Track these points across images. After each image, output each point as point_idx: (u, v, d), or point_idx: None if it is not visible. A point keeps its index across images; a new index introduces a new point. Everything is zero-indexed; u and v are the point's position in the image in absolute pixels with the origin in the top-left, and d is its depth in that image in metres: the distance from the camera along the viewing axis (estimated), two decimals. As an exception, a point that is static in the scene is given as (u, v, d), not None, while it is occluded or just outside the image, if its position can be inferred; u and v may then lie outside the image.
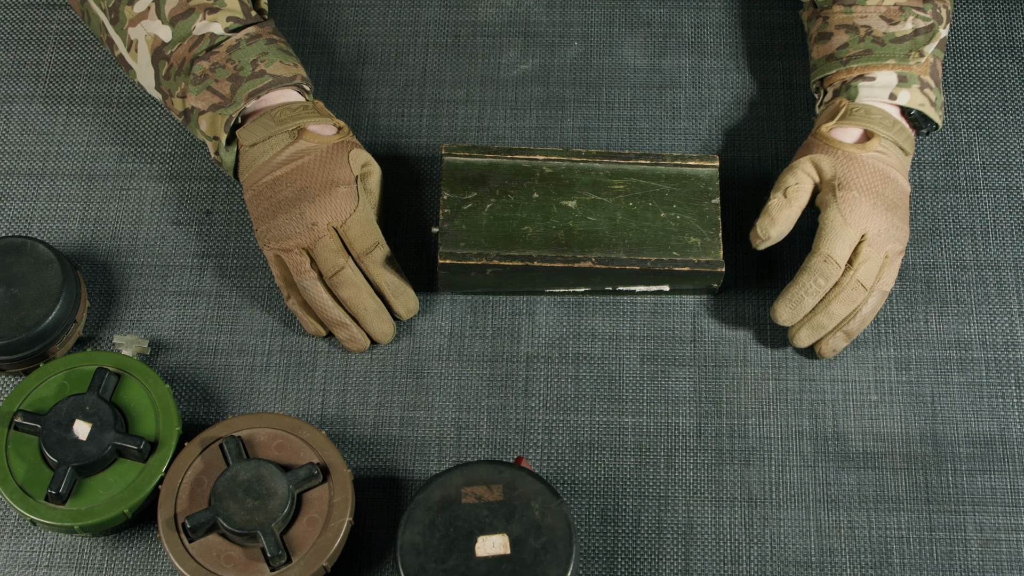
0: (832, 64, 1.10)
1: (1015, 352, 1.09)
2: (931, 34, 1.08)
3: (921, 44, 1.08)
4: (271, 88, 1.06)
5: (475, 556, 0.92)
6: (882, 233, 1.05)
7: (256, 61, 1.07)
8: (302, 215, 1.04)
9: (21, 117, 1.19)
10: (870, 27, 1.09)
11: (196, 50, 1.06)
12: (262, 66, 1.07)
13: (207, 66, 1.06)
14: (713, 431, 1.06)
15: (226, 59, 1.06)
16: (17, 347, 1.04)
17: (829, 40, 1.10)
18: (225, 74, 1.06)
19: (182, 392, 1.08)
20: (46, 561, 1.02)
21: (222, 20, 1.07)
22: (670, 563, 1.02)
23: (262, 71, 1.06)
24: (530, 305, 1.11)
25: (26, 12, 1.24)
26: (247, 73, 1.06)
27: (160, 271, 1.13)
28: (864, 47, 1.08)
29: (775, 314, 1.05)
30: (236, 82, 1.06)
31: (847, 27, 1.10)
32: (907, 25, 1.08)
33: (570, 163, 1.09)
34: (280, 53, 1.08)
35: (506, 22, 1.23)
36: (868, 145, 1.06)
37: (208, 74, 1.06)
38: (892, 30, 1.08)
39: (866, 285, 1.04)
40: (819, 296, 1.04)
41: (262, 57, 1.07)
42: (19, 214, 1.15)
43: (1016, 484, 1.04)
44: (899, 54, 1.08)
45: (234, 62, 1.06)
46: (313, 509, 0.99)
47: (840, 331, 1.05)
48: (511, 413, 1.07)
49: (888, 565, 1.02)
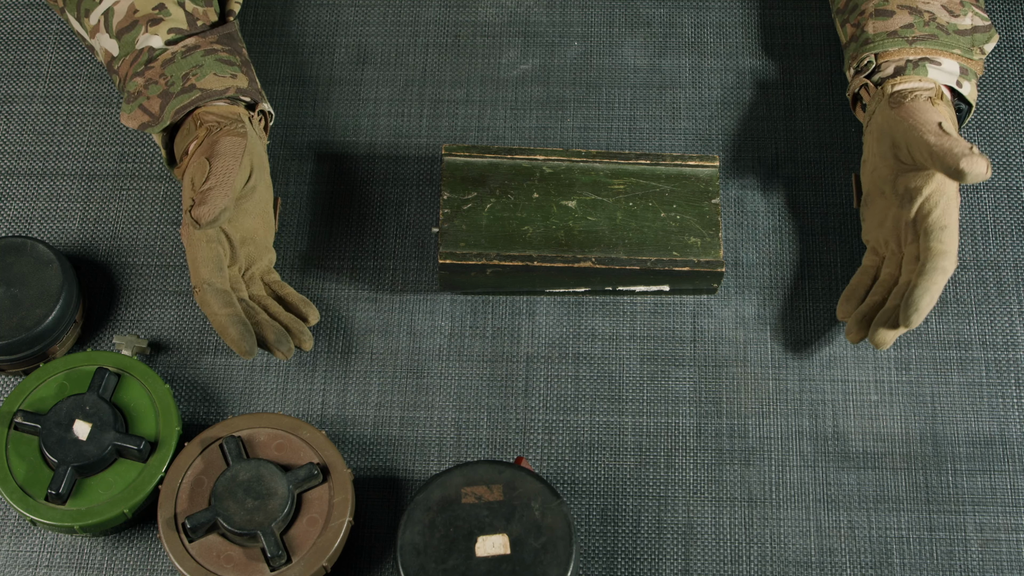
0: (895, 41, 1.08)
1: (1015, 352, 1.09)
2: (989, 34, 1.09)
3: (981, 41, 1.08)
4: (200, 102, 1.05)
5: (475, 556, 0.92)
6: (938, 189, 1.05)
7: (188, 75, 1.06)
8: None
9: (21, 117, 1.19)
10: (934, 14, 1.08)
11: (135, 65, 1.06)
12: (193, 80, 1.05)
13: (141, 83, 1.06)
14: (713, 431, 1.06)
15: (159, 74, 1.06)
16: (17, 347, 1.04)
17: (891, 17, 1.09)
18: (157, 90, 1.06)
19: (182, 392, 1.08)
20: (46, 561, 1.02)
21: (163, 32, 1.07)
22: (670, 563, 1.02)
23: (192, 85, 1.05)
24: (530, 305, 1.11)
25: (26, 12, 1.24)
26: (177, 88, 1.05)
27: (160, 271, 1.13)
28: (930, 31, 1.07)
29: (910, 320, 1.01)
30: (166, 99, 1.05)
31: (910, 8, 1.08)
32: (967, 20, 1.08)
33: (570, 163, 1.09)
34: (216, 64, 1.07)
35: (506, 22, 1.23)
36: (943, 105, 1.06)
37: (141, 91, 1.06)
38: (954, 21, 1.08)
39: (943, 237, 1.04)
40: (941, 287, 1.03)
41: (195, 70, 1.06)
42: (19, 214, 1.15)
43: (1016, 484, 1.04)
44: (963, 46, 1.07)
45: (166, 77, 1.06)
46: (313, 509, 0.99)
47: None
48: (511, 413, 1.07)
49: (888, 565, 1.02)
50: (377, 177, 1.16)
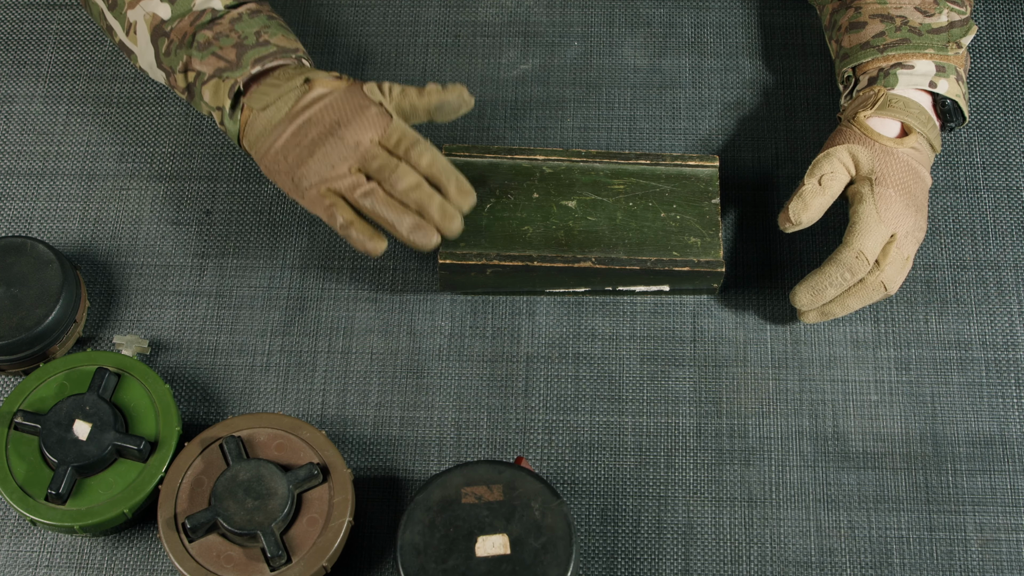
0: (868, 52, 1.09)
1: (1015, 352, 1.09)
2: (966, 27, 1.09)
3: (957, 36, 1.08)
4: (276, 57, 1.06)
5: (475, 556, 0.92)
6: (908, 234, 1.05)
7: (259, 32, 1.07)
8: (342, 140, 1.03)
9: (21, 117, 1.19)
10: (906, 17, 1.08)
11: (198, 23, 1.06)
12: (265, 36, 1.07)
13: (211, 35, 1.06)
14: (713, 431, 1.06)
15: (229, 29, 1.06)
16: (17, 347, 1.04)
17: (863, 29, 1.10)
18: (229, 42, 1.06)
19: (182, 392, 1.08)
20: (46, 561, 1.02)
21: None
22: (670, 563, 1.02)
23: (266, 41, 1.06)
24: (530, 305, 1.11)
25: (26, 12, 1.24)
26: (251, 42, 1.06)
27: (160, 271, 1.13)
28: (901, 36, 1.08)
29: (795, 298, 1.05)
30: (241, 49, 1.06)
31: (882, 16, 1.09)
32: (942, 17, 1.08)
33: (570, 163, 1.09)
34: (281, 28, 1.09)
35: (506, 22, 1.23)
36: (905, 141, 1.06)
37: (212, 42, 1.06)
38: (928, 21, 1.08)
39: (888, 288, 1.04)
40: (842, 289, 1.04)
41: (264, 29, 1.07)
42: (19, 214, 1.15)
43: (1016, 484, 1.04)
44: (937, 44, 1.07)
45: (237, 32, 1.06)
46: (313, 509, 0.99)
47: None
48: (511, 413, 1.07)
49: (888, 565, 1.02)
50: (377, 177, 1.16)
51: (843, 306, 1.06)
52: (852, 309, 1.06)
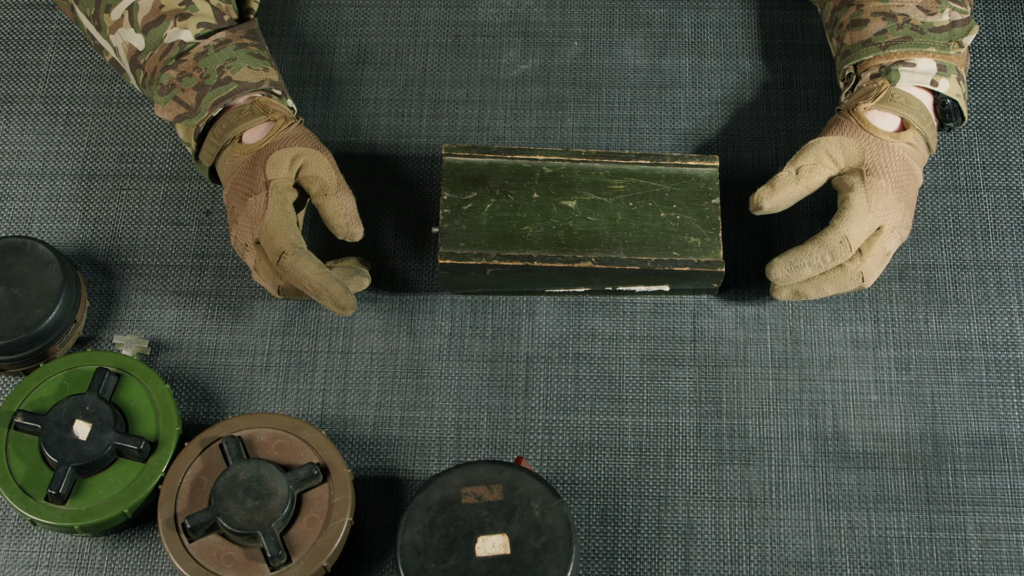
0: (870, 49, 1.09)
1: (1015, 352, 1.09)
2: (968, 27, 1.09)
3: (959, 36, 1.08)
4: (236, 95, 1.06)
5: (475, 556, 0.92)
6: (895, 230, 1.05)
7: (223, 68, 1.06)
8: (235, 237, 1.05)
9: (21, 117, 1.19)
10: (908, 15, 1.08)
11: (166, 59, 1.06)
12: (228, 72, 1.06)
13: (174, 75, 1.06)
14: (713, 431, 1.06)
15: (193, 67, 1.06)
16: (17, 347, 1.04)
17: (865, 27, 1.09)
18: (191, 83, 1.06)
19: (182, 392, 1.08)
20: (46, 561, 1.02)
21: (192, 26, 1.07)
22: (670, 563, 1.02)
23: (228, 78, 1.06)
24: (530, 305, 1.11)
25: (26, 12, 1.24)
26: (213, 81, 1.06)
27: (160, 271, 1.13)
28: (903, 34, 1.08)
29: (771, 270, 1.04)
30: (202, 91, 1.06)
31: (884, 14, 1.09)
32: (944, 16, 1.08)
33: (570, 163, 1.09)
34: (249, 58, 1.08)
35: (506, 22, 1.23)
36: (902, 136, 1.06)
37: (175, 83, 1.06)
38: (930, 20, 1.08)
39: (865, 279, 1.04)
40: (819, 270, 1.04)
41: (229, 64, 1.06)
42: (19, 214, 1.15)
43: (1016, 484, 1.04)
44: (939, 43, 1.07)
45: (200, 70, 1.06)
46: (313, 509, 0.99)
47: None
48: (511, 413, 1.07)
49: (888, 565, 1.02)
50: (377, 177, 1.16)
51: (817, 289, 1.05)
52: (826, 294, 1.05)
